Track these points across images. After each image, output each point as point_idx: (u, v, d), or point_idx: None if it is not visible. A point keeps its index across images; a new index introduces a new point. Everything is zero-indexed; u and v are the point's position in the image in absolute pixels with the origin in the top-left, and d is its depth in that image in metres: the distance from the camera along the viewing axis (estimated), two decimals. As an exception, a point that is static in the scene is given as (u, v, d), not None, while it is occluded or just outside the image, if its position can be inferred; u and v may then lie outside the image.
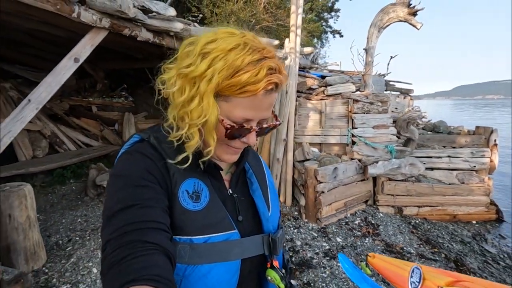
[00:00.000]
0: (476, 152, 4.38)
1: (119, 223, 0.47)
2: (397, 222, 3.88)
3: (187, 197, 0.55)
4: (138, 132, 0.61)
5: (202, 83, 0.51)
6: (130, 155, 0.56)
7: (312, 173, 3.51)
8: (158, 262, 0.44)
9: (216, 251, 0.55)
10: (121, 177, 0.53)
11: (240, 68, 0.50)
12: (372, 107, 4.06)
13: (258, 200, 0.66)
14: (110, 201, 0.51)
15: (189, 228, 0.54)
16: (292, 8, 4.59)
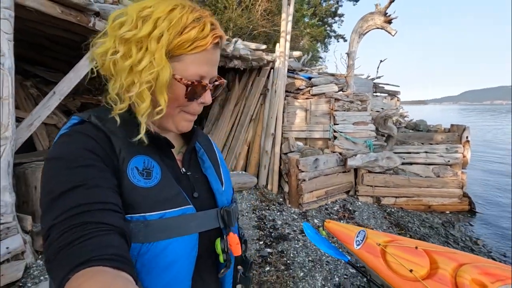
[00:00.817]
0: (450, 148, 4.77)
1: (64, 207, 0.43)
2: (374, 209, 4.28)
3: (137, 173, 0.53)
4: (76, 113, 0.58)
5: (151, 43, 0.50)
6: (69, 136, 0.52)
7: (294, 162, 3.94)
8: (113, 242, 0.41)
9: (173, 226, 0.53)
10: (59, 159, 0.48)
11: (186, 25, 0.51)
12: (352, 106, 4.48)
13: (211, 177, 0.67)
14: (48, 186, 0.46)
15: (142, 205, 0.52)
16: (283, 16, 5.07)
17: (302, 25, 18.04)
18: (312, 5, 25.18)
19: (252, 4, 7.09)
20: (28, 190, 2.58)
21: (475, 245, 3.62)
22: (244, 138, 4.89)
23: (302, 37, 17.04)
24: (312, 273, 2.57)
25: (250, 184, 4.27)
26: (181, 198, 0.57)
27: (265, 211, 3.78)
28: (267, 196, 4.21)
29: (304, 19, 19.47)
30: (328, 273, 2.61)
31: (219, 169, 0.72)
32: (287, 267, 2.63)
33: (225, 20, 6.46)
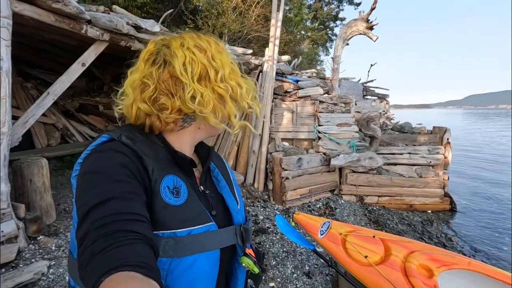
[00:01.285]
0: (432, 149, 4.94)
1: (97, 216, 0.45)
2: (355, 207, 4.46)
3: (168, 192, 0.56)
4: (107, 132, 0.61)
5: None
6: (103, 153, 0.55)
7: (278, 161, 4.14)
8: (142, 250, 0.43)
9: (198, 243, 0.57)
10: (96, 173, 0.51)
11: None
12: (336, 108, 4.68)
13: (227, 196, 0.71)
14: (84, 198, 0.49)
15: (172, 222, 0.55)
16: (272, 22, 5.30)
17: (303, 28, 18.30)
18: (313, 9, 25.46)
19: (247, 10, 7.34)
20: (24, 183, 2.80)
21: (449, 241, 3.79)
22: (234, 138, 5.10)
23: (303, 41, 17.28)
24: (284, 262, 2.76)
25: (237, 182, 4.47)
26: (205, 215, 0.61)
27: (249, 207, 3.98)
28: (252, 193, 4.41)
29: (306, 23, 19.74)
30: (300, 262, 2.80)
31: (233, 189, 0.76)
32: (262, 257, 2.82)
33: (219, 25, 6.72)
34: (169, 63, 0.59)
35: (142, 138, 0.60)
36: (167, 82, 0.59)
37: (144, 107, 0.59)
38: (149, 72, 0.60)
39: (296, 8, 15.44)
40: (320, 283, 2.55)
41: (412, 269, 1.99)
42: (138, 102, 0.60)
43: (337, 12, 26.98)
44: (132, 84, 0.61)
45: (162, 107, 0.59)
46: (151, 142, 0.61)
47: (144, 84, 0.60)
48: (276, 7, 5.31)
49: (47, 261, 2.25)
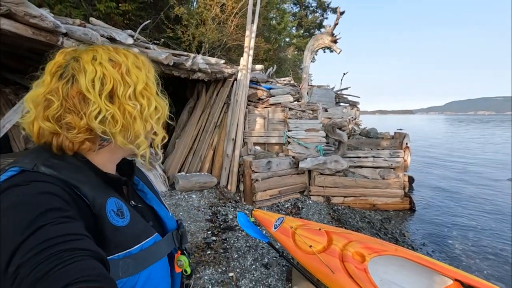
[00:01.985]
0: (393, 153, 5.35)
1: (30, 247, 0.39)
2: (321, 207, 4.79)
3: (115, 215, 0.57)
4: (12, 164, 0.52)
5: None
6: (22, 186, 0.47)
7: (248, 164, 4.43)
8: (94, 265, 0.41)
9: (151, 254, 0.60)
10: (20, 206, 0.44)
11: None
12: (304, 114, 5.03)
13: (157, 206, 0.74)
14: (9, 236, 0.40)
15: (125, 242, 0.56)
16: (247, 33, 5.62)
17: (287, 35, 18.81)
18: (298, 17, 26.16)
19: (226, 20, 7.66)
20: None
21: (402, 236, 4.16)
22: (209, 142, 5.36)
23: (287, 48, 17.77)
24: (245, 255, 3.04)
25: (211, 184, 4.73)
26: (149, 228, 0.64)
27: (220, 207, 4.24)
28: (225, 195, 4.66)
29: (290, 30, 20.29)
30: (260, 255, 3.08)
31: (160, 198, 0.79)
32: (225, 251, 3.08)
33: (198, 34, 7.00)
34: (76, 79, 0.55)
35: (63, 163, 0.55)
36: (75, 99, 0.55)
37: (47, 125, 0.54)
38: (55, 87, 0.55)
39: (279, 16, 15.93)
40: (276, 273, 2.83)
41: (348, 256, 2.31)
42: (40, 120, 0.55)
43: (321, 20, 27.81)
44: (35, 99, 0.56)
45: (68, 126, 0.55)
46: (75, 166, 0.56)
47: (48, 100, 0.55)
48: (250, 19, 5.64)
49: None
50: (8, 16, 2.57)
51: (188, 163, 5.23)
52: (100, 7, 7.34)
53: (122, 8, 7.74)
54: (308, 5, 27.45)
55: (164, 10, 8.24)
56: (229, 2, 7.26)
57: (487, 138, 21.90)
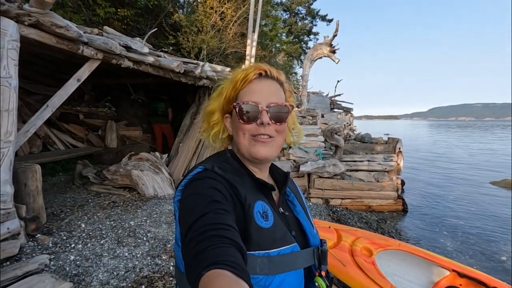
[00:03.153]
0: (387, 157, 5.67)
1: (198, 226, 0.55)
2: (321, 209, 5.02)
3: (260, 216, 0.64)
4: (201, 163, 0.72)
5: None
6: (200, 180, 0.65)
7: (253, 167, 4.63)
8: (234, 253, 0.51)
9: (287, 262, 0.64)
10: (195, 195, 0.62)
11: (237, 74, 0.75)
12: (304, 120, 5.28)
13: (303, 220, 0.77)
14: (188, 215, 0.59)
15: (265, 243, 0.62)
16: (248, 42, 5.87)
17: (278, 42, 19.21)
18: (288, 23, 26.65)
19: (225, 27, 7.88)
20: (19, 187, 3.04)
21: (398, 235, 4.45)
22: (213, 146, 5.52)
23: (278, 54, 18.14)
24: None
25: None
26: (289, 236, 0.68)
27: (226, 209, 4.40)
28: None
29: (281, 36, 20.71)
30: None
31: (307, 212, 0.83)
32: (238, 249, 3.26)
33: (198, 41, 7.18)
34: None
35: (229, 167, 0.72)
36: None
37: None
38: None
39: (271, 23, 16.29)
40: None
41: (357, 251, 2.54)
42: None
43: (311, 27, 28.45)
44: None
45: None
46: (237, 170, 0.73)
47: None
48: (251, 28, 5.89)
49: (47, 255, 2.53)
50: (35, 26, 2.69)
51: (192, 166, 5.36)
52: (100, 12, 7.41)
53: (121, 14, 7.83)
54: (297, 12, 28.05)
55: (162, 17, 8.38)
56: (229, 10, 7.49)
57: (467, 143, 22.92)
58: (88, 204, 4.00)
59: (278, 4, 24.81)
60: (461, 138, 29.92)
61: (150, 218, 3.65)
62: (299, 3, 27.22)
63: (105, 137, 6.45)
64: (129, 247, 2.92)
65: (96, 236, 3.08)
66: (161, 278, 2.53)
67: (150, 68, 3.92)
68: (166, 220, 3.66)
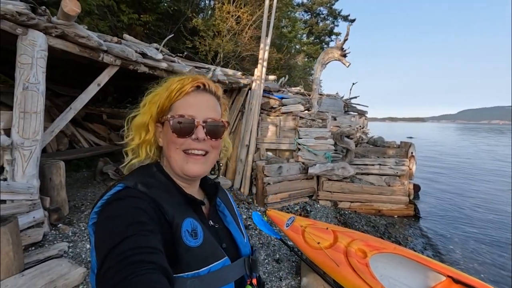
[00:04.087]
0: (399, 162, 5.60)
1: (118, 252, 0.50)
2: (329, 211, 5.07)
3: (188, 235, 0.62)
4: (121, 181, 0.66)
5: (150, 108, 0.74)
6: (121, 200, 0.60)
7: (261, 168, 4.77)
8: (159, 280, 0.48)
9: (218, 278, 0.63)
10: (114, 218, 0.57)
11: (172, 84, 0.70)
12: (314, 123, 5.35)
13: (233, 230, 0.77)
14: (105, 241, 0.54)
15: (195, 263, 0.60)
16: (261, 46, 6.00)
17: (298, 43, 19.22)
18: (309, 24, 26.51)
19: (241, 31, 8.08)
20: (45, 181, 3.38)
21: (405, 240, 4.41)
22: (224, 147, 5.73)
23: (297, 55, 18.16)
24: (258, 251, 3.36)
25: (225, 186, 5.08)
26: (220, 251, 0.67)
27: (234, 208, 4.57)
28: (239, 197, 5.00)
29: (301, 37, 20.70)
30: (272, 251, 3.40)
31: (238, 223, 0.82)
32: (241, 246, 3.41)
33: (214, 45, 7.44)
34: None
35: (155, 182, 0.68)
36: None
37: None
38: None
39: (291, 24, 16.34)
40: (286, 267, 3.14)
41: (352, 252, 2.62)
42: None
43: (332, 27, 28.12)
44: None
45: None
46: (164, 186, 0.69)
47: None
48: (265, 33, 6.03)
49: (66, 243, 2.82)
50: (61, 36, 3.00)
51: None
52: (124, 19, 7.87)
53: (143, 19, 8.27)
54: (319, 13, 27.84)
55: (181, 21, 8.74)
56: (244, 14, 7.69)
57: (494, 148, 21.67)
58: (106, 199, 4.32)
59: (299, 5, 24.82)
60: (489, 142, 28.31)
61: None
62: (320, 4, 27.02)
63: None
64: (139, 239, 3.17)
65: (110, 228, 3.35)
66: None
67: (164, 73, 4.17)
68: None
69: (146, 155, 0.73)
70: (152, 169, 0.72)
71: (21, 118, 2.71)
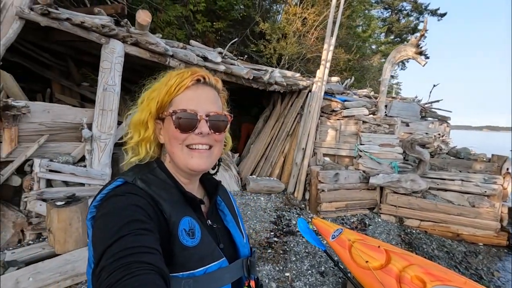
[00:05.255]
0: (488, 179, 4.66)
1: (113, 252, 0.49)
2: (391, 227, 4.52)
3: (185, 235, 0.61)
4: (121, 176, 0.65)
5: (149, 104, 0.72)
6: (119, 196, 0.59)
7: (315, 174, 4.55)
8: (155, 281, 0.47)
9: (214, 279, 0.61)
10: (112, 215, 0.56)
11: (170, 79, 0.69)
12: (379, 128, 4.86)
13: (233, 230, 0.76)
14: (102, 239, 0.53)
15: (190, 263, 0.59)
16: (325, 46, 5.77)
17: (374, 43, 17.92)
18: (388, 22, 24.49)
19: (307, 32, 7.93)
20: (117, 169, 3.89)
21: (489, 275, 3.61)
22: (281, 150, 5.68)
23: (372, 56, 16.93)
24: (303, 260, 3.20)
25: (278, 189, 5.02)
26: (217, 252, 0.65)
27: (285, 212, 4.48)
28: (291, 201, 4.88)
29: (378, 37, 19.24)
30: (317, 263, 3.19)
31: (238, 222, 0.80)
32: (285, 252, 3.31)
33: (279, 48, 7.47)
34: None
35: (155, 179, 0.66)
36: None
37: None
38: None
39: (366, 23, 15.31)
40: (331, 283, 2.90)
41: (406, 278, 2.27)
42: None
43: (416, 24, 25.41)
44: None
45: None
46: (164, 183, 0.67)
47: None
48: (330, 32, 5.77)
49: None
50: (135, 44, 3.42)
51: (260, 168, 5.65)
52: (198, 27, 8.57)
53: (216, 27, 8.87)
54: (401, 9, 25.41)
55: (250, 27, 9.05)
56: (311, 15, 7.51)
57: None
58: (169, 191, 4.74)
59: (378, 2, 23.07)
60: None
61: (212, 210, 4.08)
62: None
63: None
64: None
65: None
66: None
67: (224, 76, 4.37)
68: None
69: (146, 153, 0.72)
70: (153, 165, 0.71)
71: (100, 114, 3.18)
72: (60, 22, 2.85)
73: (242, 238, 0.77)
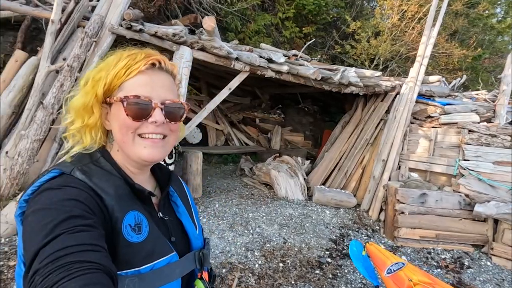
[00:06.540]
0: None
1: (47, 253, 0.43)
2: (505, 276, 3.28)
3: (130, 230, 0.56)
4: (57, 166, 0.58)
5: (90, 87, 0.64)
6: (55, 190, 0.53)
7: (393, 191, 3.76)
8: (100, 280, 0.42)
9: (162, 276, 0.58)
10: (46, 210, 0.49)
11: (119, 60, 0.61)
12: (494, 140, 3.64)
13: (186, 222, 0.72)
14: (33, 238, 0.46)
15: (136, 260, 0.55)
16: (423, 39, 4.83)
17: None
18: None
19: (405, 27, 6.82)
20: (186, 166, 4.23)
21: None
22: (358, 160, 5.01)
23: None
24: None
25: (348, 204, 4.41)
26: (166, 247, 0.62)
27: (352, 231, 3.87)
28: (363, 220, 4.20)
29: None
30: (373, 299, 2.58)
31: (191, 212, 0.77)
32: (334, 277, 2.82)
33: (366, 47, 6.68)
34: None
35: (97, 170, 0.60)
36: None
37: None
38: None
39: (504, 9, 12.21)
40: (386, 330, 2.28)
41: None
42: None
43: None
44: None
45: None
46: (109, 175, 0.61)
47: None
48: (431, 22, 4.79)
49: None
50: (201, 49, 3.65)
51: (332, 178, 5.13)
52: (286, 34, 8.62)
53: (304, 32, 8.72)
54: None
55: (343, 29, 8.50)
56: (411, 7, 6.41)
57: None
58: (234, 191, 4.85)
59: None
60: None
61: (267, 216, 3.92)
62: None
63: (272, 139, 7.47)
64: (235, 234, 3.32)
65: (219, 216, 3.72)
66: (242, 270, 2.70)
67: (291, 77, 4.18)
68: (280, 222, 3.79)
69: (91, 141, 0.64)
70: (96, 155, 0.64)
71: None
72: (140, 34, 3.32)
73: (195, 230, 0.74)
